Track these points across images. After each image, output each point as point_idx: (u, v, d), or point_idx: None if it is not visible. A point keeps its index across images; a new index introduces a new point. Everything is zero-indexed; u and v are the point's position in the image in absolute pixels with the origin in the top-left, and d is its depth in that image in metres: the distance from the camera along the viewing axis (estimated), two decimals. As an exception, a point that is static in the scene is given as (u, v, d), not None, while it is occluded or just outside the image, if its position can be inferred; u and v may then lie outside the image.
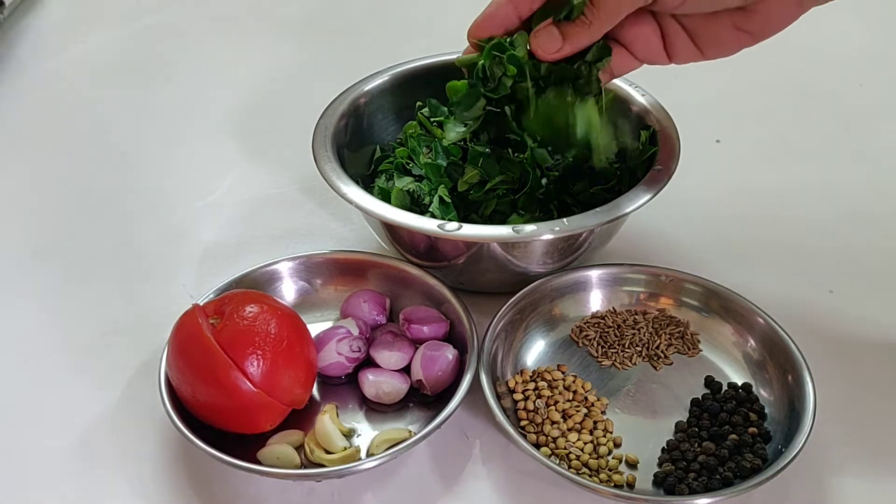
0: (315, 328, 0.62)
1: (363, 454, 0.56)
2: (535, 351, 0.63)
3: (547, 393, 0.59)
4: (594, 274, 0.65)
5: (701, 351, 0.63)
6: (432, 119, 0.72)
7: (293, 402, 0.56)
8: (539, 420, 0.58)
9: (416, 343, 0.61)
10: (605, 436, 0.57)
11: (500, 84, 0.63)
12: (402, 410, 0.59)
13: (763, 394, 0.59)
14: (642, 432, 0.58)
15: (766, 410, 0.58)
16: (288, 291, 0.65)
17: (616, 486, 0.54)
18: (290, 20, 1.04)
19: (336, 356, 0.60)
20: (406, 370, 0.60)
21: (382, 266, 0.65)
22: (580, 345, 0.63)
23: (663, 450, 0.57)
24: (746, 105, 0.90)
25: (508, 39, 0.62)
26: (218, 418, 0.55)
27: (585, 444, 0.57)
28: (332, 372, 0.60)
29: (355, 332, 0.61)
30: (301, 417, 0.57)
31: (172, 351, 0.56)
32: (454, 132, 0.64)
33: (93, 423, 0.60)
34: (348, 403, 0.60)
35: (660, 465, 0.56)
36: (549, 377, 0.60)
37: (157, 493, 0.56)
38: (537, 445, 0.56)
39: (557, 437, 0.57)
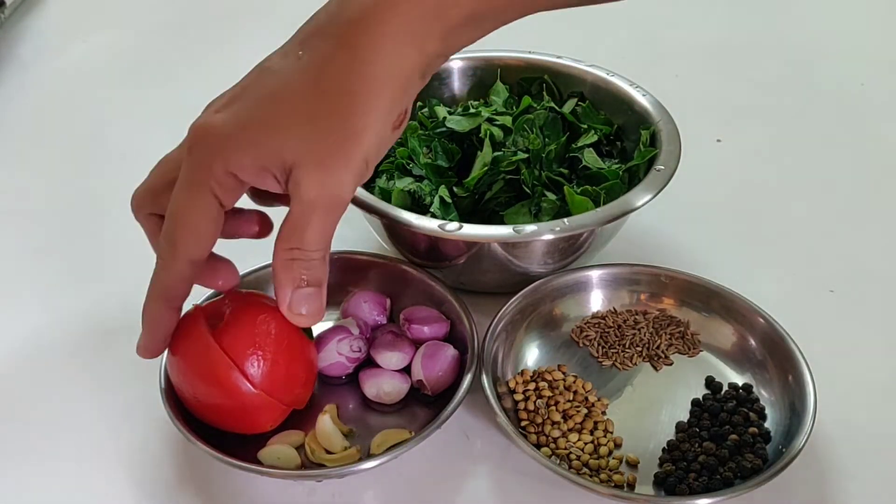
0: (315, 328, 0.61)
1: (364, 454, 0.56)
2: (536, 351, 0.63)
3: (547, 393, 0.59)
4: (595, 274, 0.65)
5: (701, 351, 0.63)
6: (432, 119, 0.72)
7: (294, 402, 0.56)
8: (539, 420, 0.58)
9: (417, 343, 0.61)
10: (605, 436, 0.57)
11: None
12: (403, 410, 0.59)
13: (763, 394, 0.59)
14: (643, 432, 0.58)
15: (767, 410, 0.58)
16: (288, 292, 0.65)
17: (616, 487, 0.54)
18: (290, 20, 1.04)
19: (336, 356, 0.60)
20: (406, 370, 0.60)
21: (383, 266, 0.65)
22: (581, 345, 0.63)
23: (664, 450, 0.57)
24: (747, 104, 0.90)
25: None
26: (218, 419, 0.55)
27: (586, 444, 0.57)
28: (333, 372, 0.60)
29: (355, 332, 0.61)
30: (301, 417, 0.57)
31: (173, 352, 0.56)
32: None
33: (93, 423, 0.60)
34: (349, 403, 0.60)
35: (660, 465, 0.56)
36: (549, 377, 0.60)
37: (157, 493, 0.56)
38: (538, 446, 0.56)
39: (558, 438, 0.57)
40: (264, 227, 0.56)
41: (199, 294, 0.63)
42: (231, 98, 0.50)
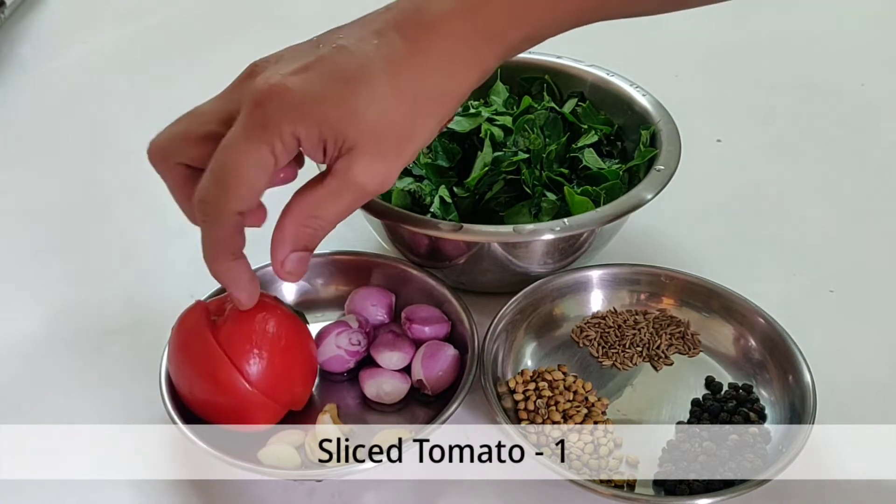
0: (316, 328, 0.62)
1: (364, 454, 0.56)
2: (536, 351, 0.63)
3: (547, 393, 0.59)
4: (595, 274, 0.65)
5: (701, 351, 0.63)
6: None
7: (291, 402, 0.56)
8: (539, 420, 0.58)
9: (417, 343, 0.61)
10: (605, 436, 0.57)
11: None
12: (403, 410, 0.59)
13: (763, 394, 0.59)
14: (643, 432, 0.58)
15: (767, 410, 0.58)
16: (289, 291, 0.65)
17: (616, 487, 0.54)
18: (289, 19, 1.04)
19: (335, 349, 0.60)
20: (407, 370, 0.60)
21: (383, 266, 0.65)
22: (581, 345, 0.63)
23: (664, 450, 0.57)
24: (746, 105, 0.90)
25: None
26: (215, 415, 0.55)
27: (586, 444, 0.57)
28: (333, 367, 0.60)
29: (354, 325, 0.61)
30: (301, 417, 0.57)
31: (173, 347, 0.56)
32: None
33: (93, 423, 0.60)
34: (349, 403, 0.60)
35: (660, 465, 0.56)
36: (549, 377, 0.60)
37: (157, 493, 0.56)
38: (538, 446, 0.56)
39: (558, 438, 0.57)
40: (289, 171, 0.56)
41: (201, 291, 0.63)
42: (306, 65, 0.50)
